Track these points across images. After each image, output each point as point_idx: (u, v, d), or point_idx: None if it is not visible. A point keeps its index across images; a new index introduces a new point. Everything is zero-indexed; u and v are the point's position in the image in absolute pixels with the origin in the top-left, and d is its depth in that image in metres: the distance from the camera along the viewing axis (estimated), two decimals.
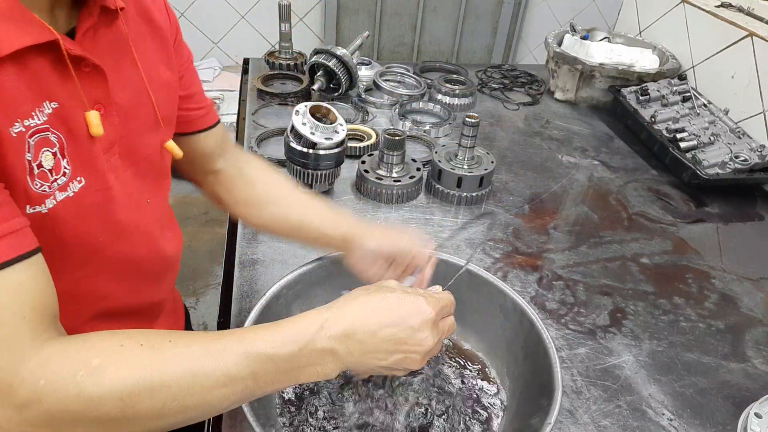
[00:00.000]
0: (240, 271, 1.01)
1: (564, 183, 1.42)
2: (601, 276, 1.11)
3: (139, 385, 0.47)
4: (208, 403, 0.51)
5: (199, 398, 0.50)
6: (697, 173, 1.40)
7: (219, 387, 0.50)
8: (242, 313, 0.92)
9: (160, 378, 0.48)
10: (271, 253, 1.05)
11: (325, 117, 1.18)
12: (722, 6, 1.75)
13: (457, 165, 1.26)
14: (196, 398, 0.50)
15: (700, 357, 0.95)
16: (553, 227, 1.24)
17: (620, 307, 1.04)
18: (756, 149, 1.46)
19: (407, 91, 1.69)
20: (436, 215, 1.22)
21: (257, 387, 0.53)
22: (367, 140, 1.44)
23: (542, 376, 0.75)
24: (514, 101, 1.82)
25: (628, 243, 1.22)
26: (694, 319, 1.03)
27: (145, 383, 0.47)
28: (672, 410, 0.84)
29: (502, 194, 1.33)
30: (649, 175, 1.50)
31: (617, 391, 0.86)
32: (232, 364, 0.51)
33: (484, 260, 1.11)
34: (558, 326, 0.97)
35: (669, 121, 1.57)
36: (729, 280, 1.14)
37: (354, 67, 1.57)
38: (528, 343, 0.81)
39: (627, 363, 0.92)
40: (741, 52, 1.59)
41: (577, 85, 1.82)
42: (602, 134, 1.70)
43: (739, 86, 1.59)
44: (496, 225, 1.22)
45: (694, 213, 1.37)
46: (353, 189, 1.28)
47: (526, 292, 1.04)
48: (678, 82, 1.72)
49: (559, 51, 1.81)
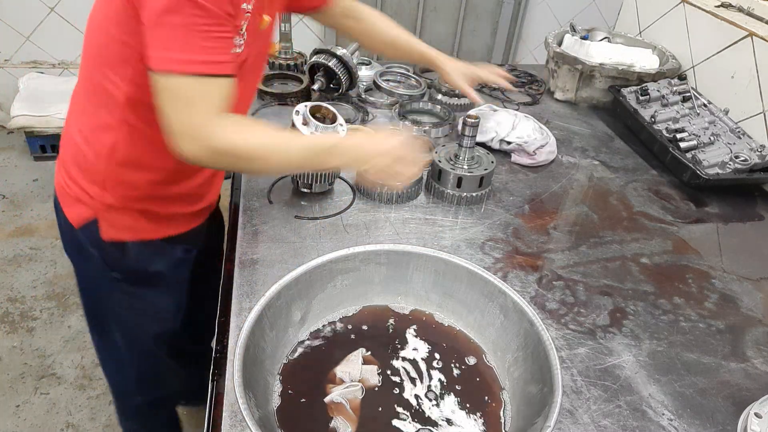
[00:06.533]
0: (240, 271, 1.01)
1: (564, 183, 1.41)
2: (601, 276, 1.11)
3: (266, 145, 0.90)
4: (292, 162, 0.96)
5: (288, 158, 0.93)
6: (697, 173, 1.40)
7: (300, 154, 0.94)
8: (242, 313, 0.92)
9: (274, 144, 0.91)
10: (271, 253, 1.05)
11: (326, 117, 1.18)
12: (722, 6, 1.75)
13: (457, 165, 1.26)
14: (277, 163, 0.94)
15: (700, 357, 0.95)
16: (553, 227, 1.24)
17: (620, 307, 1.04)
18: (756, 149, 1.46)
19: (407, 91, 1.69)
20: (436, 215, 1.22)
21: (314, 157, 0.95)
22: None
23: (542, 376, 0.75)
24: (514, 101, 1.82)
25: (628, 243, 1.22)
26: (694, 319, 1.03)
27: (268, 145, 0.91)
28: (672, 410, 0.84)
29: (502, 194, 1.33)
30: (649, 175, 1.50)
31: (617, 391, 0.86)
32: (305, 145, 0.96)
33: (484, 260, 1.11)
34: (558, 326, 0.97)
35: (669, 121, 1.57)
36: (729, 280, 1.14)
37: (354, 67, 1.57)
38: (528, 343, 0.81)
39: (627, 363, 0.92)
40: (741, 52, 1.59)
41: (577, 85, 1.82)
42: (602, 134, 1.70)
43: (739, 86, 1.59)
44: (496, 225, 1.22)
45: (694, 213, 1.37)
46: (353, 189, 1.28)
47: (526, 292, 1.04)
48: (678, 82, 1.72)
49: (559, 51, 1.81)
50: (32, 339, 2.10)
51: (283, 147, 0.92)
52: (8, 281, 2.33)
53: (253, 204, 1.19)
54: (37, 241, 2.54)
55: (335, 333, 0.90)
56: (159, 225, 1.11)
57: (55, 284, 2.33)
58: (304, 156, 0.94)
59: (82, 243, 1.09)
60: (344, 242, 1.09)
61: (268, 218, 1.15)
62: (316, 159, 0.95)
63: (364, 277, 0.94)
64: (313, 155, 0.94)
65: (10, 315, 2.18)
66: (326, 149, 0.95)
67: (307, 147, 0.95)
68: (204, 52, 0.82)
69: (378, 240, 1.12)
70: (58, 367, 2.00)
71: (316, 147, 0.95)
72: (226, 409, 0.77)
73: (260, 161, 0.91)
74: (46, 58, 3.21)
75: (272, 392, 0.79)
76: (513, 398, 0.81)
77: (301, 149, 0.94)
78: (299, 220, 1.14)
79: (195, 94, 0.83)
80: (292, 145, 0.94)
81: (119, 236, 1.08)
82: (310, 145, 0.95)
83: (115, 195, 1.03)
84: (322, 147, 0.95)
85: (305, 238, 1.10)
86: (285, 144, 0.93)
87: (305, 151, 0.94)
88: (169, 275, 1.19)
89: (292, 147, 0.93)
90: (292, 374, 0.83)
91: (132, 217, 1.07)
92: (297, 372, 0.83)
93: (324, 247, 1.07)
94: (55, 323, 2.17)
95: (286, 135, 0.95)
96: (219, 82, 0.85)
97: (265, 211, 1.17)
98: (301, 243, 1.08)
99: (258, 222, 1.14)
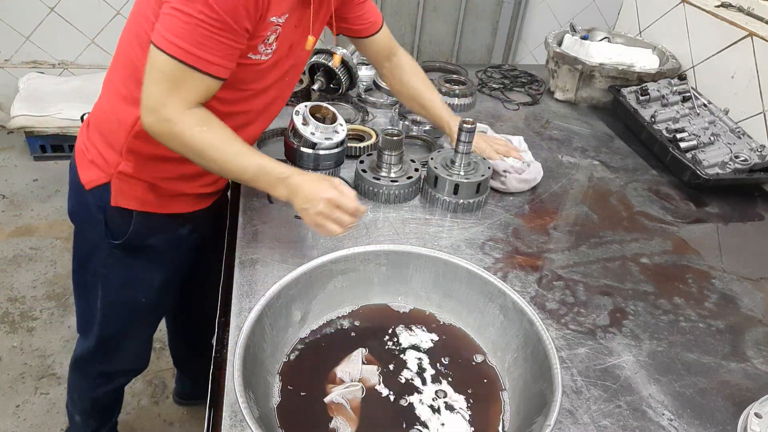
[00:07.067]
0: (240, 271, 1.01)
1: (564, 183, 1.42)
2: (601, 276, 1.11)
3: (213, 146, 0.94)
4: (231, 171, 0.98)
5: (229, 166, 0.97)
6: (697, 173, 1.40)
7: (239, 165, 0.97)
8: (242, 313, 0.92)
9: (223, 150, 0.95)
10: (271, 253, 1.05)
11: (325, 117, 1.18)
12: (722, 6, 1.75)
13: (453, 171, 1.24)
14: (228, 165, 0.97)
15: (700, 357, 0.95)
16: (553, 227, 1.24)
17: (620, 307, 1.04)
18: (756, 149, 1.46)
19: None
20: (436, 215, 1.22)
21: (251, 178, 0.98)
22: (367, 140, 1.44)
23: (542, 376, 0.75)
24: (514, 101, 1.82)
25: (628, 243, 1.22)
26: (694, 319, 1.03)
27: (218, 148, 0.95)
28: (672, 410, 0.84)
29: (502, 194, 1.33)
30: (649, 175, 1.50)
31: (617, 391, 0.86)
32: (249, 162, 0.97)
33: (484, 260, 1.11)
34: (558, 326, 0.97)
35: (669, 121, 1.57)
36: (729, 280, 1.14)
37: (354, 67, 1.57)
38: (528, 343, 0.81)
39: (627, 363, 0.92)
40: (741, 52, 1.59)
41: (577, 85, 1.82)
42: (602, 134, 1.70)
43: (739, 86, 1.59)
44: (496, 225, 1.22)
45: (694, 213, 1.37)
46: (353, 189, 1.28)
47: (526, 292, 1.04)
48: (678, 82, 1.72)
49: (559, 51, 1.81)
50: (32, 339, 2.10)
51: (232, 156, 0.96)
52: (8, 281, 2.33)
53: (253, 204, 1.19)
54: (37, 241, 2.54)
55: (335, 333, 0.91)
56: (165, 201, 1.16)
57: (55, 284, 2.33)
58: (254, 173, 0.97)
59: (89, 205, 1.15)
60: (344, 242, 1.09)
61: (268, 218, 1.15)
62: (264, 180, 0.97)
63: (364, 277, 0.94)
64: (263, 175, 0.97)
65: (10, 315, 2.18)
66: (277, 177, 0.97)
67: (260, 167, 0.96)
68: (200, 47, 0.89)
69: (378, 240, 1.12)
70: (58, 367, 2.00)
71: (268, 170, 0.97)
72: (226, 409, 0.77)
73: (207, 160, 0.96)
74: (46, 58, 3.21)
75: (272, 392, 0.79)
76: (513, 398, 0.81)
77: (253, 166, 0.96)
78: (299, 220, 1.14)
79: (177, 78, 0.90)
80: (245, 159, 0.96)
81: (127, 204, 1.13)
82: (263, 166, 0.97)
83: (129, 164, 1.09)
84: (274, 173, 0.97)
85: (305, 238, 1.10)
86: (237, 154, 0.96)
87: (257, 169, 0.96)
88: (163, 251, 1.24)
89: (244, 160, 0.96)
90: (292, 374, 0.83)
91: (141, 189, 1.13)
92: (297, 372, 0.83)
93: (324, 247, 1.07)
94: (55, 323, 2.17)
95: (242, 147, 0.97)
96: (203, 78, 0.91)
97: (265, 211, 1.17)
98: (301, 243, 1.09)
99: (258, 222, 1.14)
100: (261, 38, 0.98)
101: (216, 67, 0.92)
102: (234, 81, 1.03)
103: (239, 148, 0.97)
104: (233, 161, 0.96)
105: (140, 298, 1.28)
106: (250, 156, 0.97)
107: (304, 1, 1.04)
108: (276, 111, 1.20)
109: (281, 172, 0.97)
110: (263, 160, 0.97)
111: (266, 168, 0.97)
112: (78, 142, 1.18)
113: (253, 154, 0.98)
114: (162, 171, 1.12)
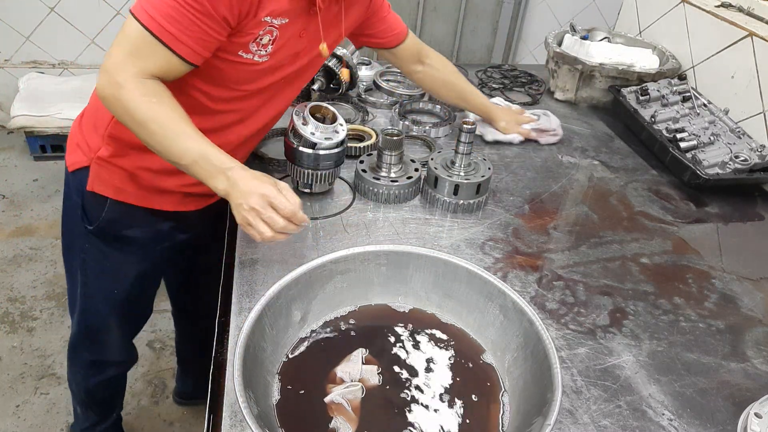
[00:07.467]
0: (240, 271, 1.01)
1: (564, 183, 1.42)
2: (601, 276, 1.11)
3: (157, 120, 0.91)
4: (171, 151, 0.92)
5: (169, 143, 0.92)
6: (697, 173, 1.40)
7: (180, 147, 0.92)
8: (242, 313, 0.92)
9: (167, 127, 0.91)
10: (271, 253, 1.05)
11: (325, 117, 1.18)
12: (722, 6, 1.75)
13: (453, 172, 1.24)
14: (168, 143, 0.92)
15: (700, 357, 0.95)
16: (553, 227, 1.24)
17: (620, 307, 1.04)
18: (756, 149, 1.46)
19: (407, 91, 1.69)
20: (435, 215, 1.22)
21: (190, 163, 0.92)
22: (367, 140, 1.44)
23: (542, 376, 0.75)
24: (514, 101, 1.82)
25: (628, 243, 1.22)
26: (694, 319, 1.03)
27: (162, 123, 0.91)
28: (672, 410, 0.84)
29: (502, 194, 1.33)
30: (649, 175, 1.50)
31: (617, 391, 0.86)
32: (191, 146, 0.92)
33: (484, 260, 1.11)
34: (558, 326, 0.97)
35: (669, 121, 1.57)
36: (729, 280, 1.14)
37: (354, 67, 1.57)
38: (528, 342, 0.81)
39: (627, 363, 0.92)
40: (741, 52, 1.59)
41: (577, 85, 1.82)
42: (602, 134, 1.70)
43: (739, 86, 1.59)
44: (496, 225, 1.22)
45: (694, 213, 1.37)
46: (353, 189, 1.28)
47: (526, 292, 1.04)
48: (678, 82, 1.72)
49: (559, 51, 1.81)
50: (32, 339, 2.10)
51: (174, 135, 0.91)
52: (8, 281, 2.33)
53: None
54: (37, 241, 2.54)
55: (335, 333, 0.91)
56: (146, 194, 1.16)
57: (55, 284, 2.33)
58: (193, 158, 0.91)
59: (71, 187, 1.19)
60: (344, 242, 1.09)
61: None
62: (204, 167, 0.91)
63: (364, 277, 0.94)
64: (203, 162, 0.91)
65: (10, 315, 2.18)
66: (218, 166, 0.91)
67: (202, 153, 0.91)
68: (172, 23, 0.89)
69: (378, 240, 1.12)
70: (58, 367, 2.00)
71: (210, 158, 0.91)
72: (226, 409, 0.77)
73: (148, 134, 0.91)
74: (46, 58, 3.21)
75: (272, 392, 0.80)
76: (513, 398, 0.81)
77: (195, 151, 0.91)
78: None
79: (140, 47, 0.90)
80: (188, 141, 0.91)
81: (102, 191, 1.14)
82: (206, 153, 0.91)
83: (109, 148, 1.10)
84: (216, 162, 0.91)
85: (305, 238, 1.10)
86: (181, 134, 0.91)
87: (198, 154, 0.91)
88: (141, 244, 1.23)
89: (187, 143, 0.91)
90: (292, 374, 0.83)
91: (120, 177, 1.13)
92: (297, 371, 0.83)
93: (324, 247, 1.07)
94: (55, 323, 2.17)
95: (189, 129, 0.91)
96: (166, 53, 0.91)
97: None
98: (301, 243, 1.09)
99: None
100: (252, 36, 0.97)
101: (184, 48, 0.91)
102: (225, 79, 1.02)
103: (185, 129, 0.91)
104: (174, 140, 0.91)
105: (115, 288, 1.28)
106: (195, 140, 0.91)
107: (310, 10, 1.03)
108: (274, 113, 1.20)
109: (223, 162, 0.91)
110: (209, 148, 0.91)
111: (209, 155, 0.91)
112: (71, 129, 1.21)
113: (198, 138, 0.92)
114: (142, 160, 1.10)
